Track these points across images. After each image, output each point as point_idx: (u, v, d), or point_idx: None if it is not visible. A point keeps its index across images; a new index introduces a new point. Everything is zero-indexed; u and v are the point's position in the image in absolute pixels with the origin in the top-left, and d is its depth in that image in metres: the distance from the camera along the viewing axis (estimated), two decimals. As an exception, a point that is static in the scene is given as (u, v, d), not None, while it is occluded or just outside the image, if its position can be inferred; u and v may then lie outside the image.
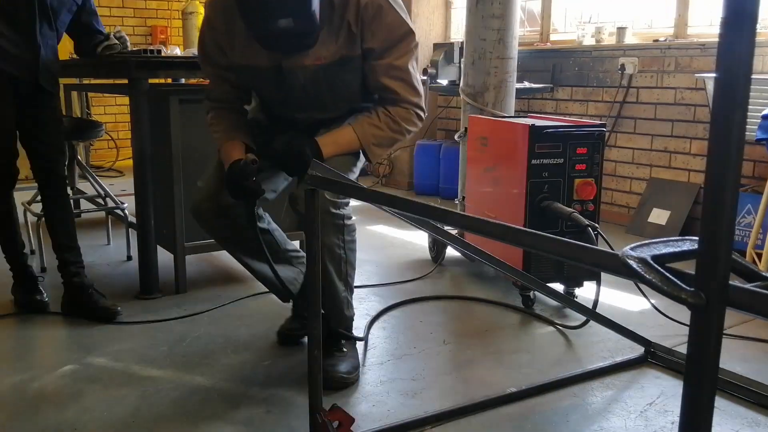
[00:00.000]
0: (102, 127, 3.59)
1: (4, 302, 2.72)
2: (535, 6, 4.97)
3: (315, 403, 1.62)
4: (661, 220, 3.93)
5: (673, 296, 0.72)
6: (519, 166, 2.65)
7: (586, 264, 0.87)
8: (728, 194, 0.67)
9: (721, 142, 0.66)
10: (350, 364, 2.07)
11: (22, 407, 1.93)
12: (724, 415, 1.89)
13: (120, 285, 2.98)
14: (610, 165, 4.30)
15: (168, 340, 2.39)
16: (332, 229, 1.96)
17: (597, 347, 2.37)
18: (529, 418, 1.89)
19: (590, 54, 4.41)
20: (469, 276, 3.16)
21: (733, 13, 0.65)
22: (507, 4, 3.19)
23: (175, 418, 1.86)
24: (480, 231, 1.06)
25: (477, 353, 2.31)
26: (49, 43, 2.50)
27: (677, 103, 3.95)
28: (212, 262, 3.35)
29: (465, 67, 3.38)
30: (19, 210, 2.79)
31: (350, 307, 2.12)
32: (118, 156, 6.44)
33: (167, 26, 6.97)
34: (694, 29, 4.03)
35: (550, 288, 2.28)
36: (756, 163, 3.60)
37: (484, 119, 3.09)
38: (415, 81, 1.95)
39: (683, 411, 0.74)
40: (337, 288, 2.04)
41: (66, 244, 2.63)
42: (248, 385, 2.04)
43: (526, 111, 4.73)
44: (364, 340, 2.35)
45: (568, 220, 2.55)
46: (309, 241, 1.57)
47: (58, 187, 2.61)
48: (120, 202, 3.56)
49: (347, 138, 1.97)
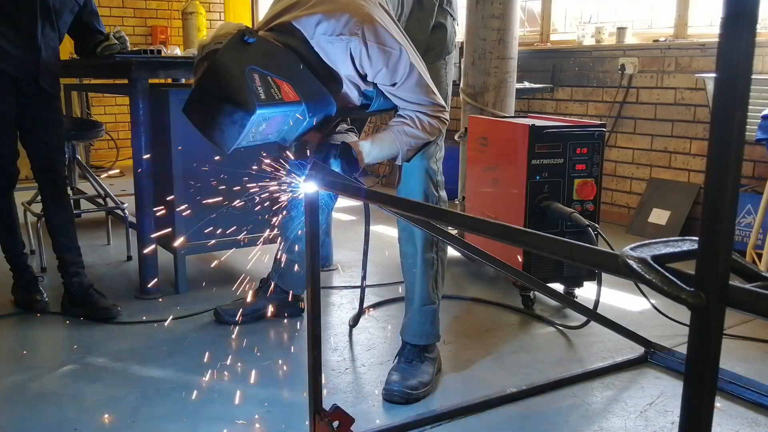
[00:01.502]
0: (102, 127, 3.59)
1: (4, 302, 2.72)
2: (535, 6, 4.97)
3: (315, 403, 1.62)
4: (661, 220, 3.93)
5: (673, 296, 0.72)
6: (519, 166, 2.64)
7: (586, 264, 0.87)
8: (728, 194, 0.67)
9: (721, 142, 0.66)
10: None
11: (22, 407, 1.93)
12: (724, 415, 1.89)
13: (120, 285, 2.98)
14: (610, 165, 4.30)
15: (168, 340, 2.39)
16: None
17: (597, 347, 2.37)
18: (529, 418, 1.89)
19: (590, 54, 4.41)
20: (469, 276, 3.16)
21: (733, 13, 0.64)
22: (507, 4, 3.18)
23: (175, 418, 1.86)
24: (480, 231, 1.06)
25: (477, 353, 2.31)
26: (51, 44, 2.50)
27: (677, 103, 3.95)
28: (212, 262, 3.35)
29: (465, 67, 3.38)
30: (19, 210, 2.80)
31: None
32: (118, 156, 6.44)
33: (167, 26, 6.97)
34: (694, 29, 4.03)
35: (550, 288, 2.27)
36: (756, 163, 3.59)
37: (484, 119, 3.09)
38: (431, 93, 1.88)
39: (683, 411, 0.74)
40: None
41: (66, 244, 2.63)
42: (248, 385, 2.04)
43: (526, 111, 4.72)
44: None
45: (568, 220, 2.55)
46: (309, 241, 1.57)
47: (58, 187, 2.61)
48: (120, 202, 3.56)
49: (387, 143, 1.90)
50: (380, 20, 1.76)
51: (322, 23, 1.73)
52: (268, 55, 1.65)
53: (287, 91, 1.62)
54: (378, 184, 5.75)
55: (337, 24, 1.73)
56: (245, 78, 1.56)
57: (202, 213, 2.83)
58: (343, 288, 2.99)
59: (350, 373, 2.17)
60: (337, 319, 2.63)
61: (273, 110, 1.62)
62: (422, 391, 2.00)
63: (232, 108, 1.56)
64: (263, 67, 1.60)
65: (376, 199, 1.36)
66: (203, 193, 2.83)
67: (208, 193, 2.84)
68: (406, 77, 1.81)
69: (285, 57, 1.69)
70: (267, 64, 1.62)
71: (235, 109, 1.55)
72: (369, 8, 1.76)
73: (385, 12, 1.82)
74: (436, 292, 2.11)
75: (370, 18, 1.75)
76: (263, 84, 1.58)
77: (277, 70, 1.63)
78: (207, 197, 2.84)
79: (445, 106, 1.93)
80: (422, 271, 2.08)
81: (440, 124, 1.92)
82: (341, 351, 2.33)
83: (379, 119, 4.77)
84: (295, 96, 1.63)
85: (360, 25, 1.73)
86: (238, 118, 1.56)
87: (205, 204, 2.82)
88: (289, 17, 1.76)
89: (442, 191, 2.08)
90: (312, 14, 1.74)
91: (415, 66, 1.82)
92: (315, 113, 1.73)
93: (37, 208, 3.06)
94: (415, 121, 1.90)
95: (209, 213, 2.86)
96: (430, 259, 2.08)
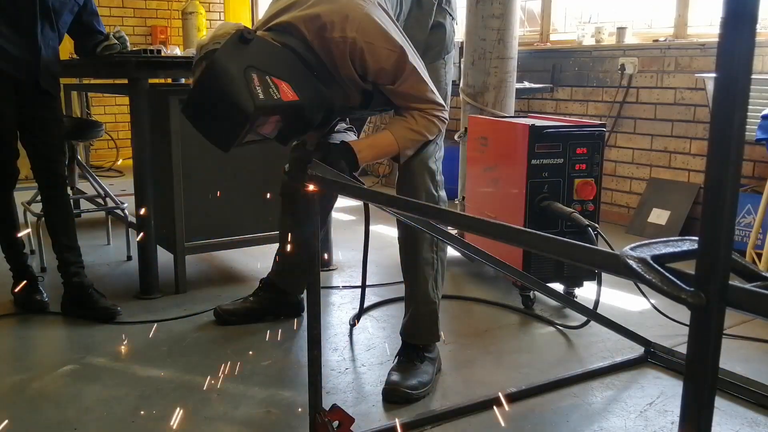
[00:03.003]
0: (102, 127, 3.59)
1: (4, 302, 2.72)
2: (535, 6, 4.97)
3: (315, 403, 1.62)
4: (661, 220, 3.93)
5: (673, 296, 0.72)
6: (519, 166, 2.64)
7: (586, 264, 0.87)
8: (728, 194, 0.67)
9: (721, 142, 0.66)
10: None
11: (22, 407, 1.93)
12: (724, 415, 1.89)
13: (120, 285, 2.98)
14: (610, 165, 4.30)
15: (168, 340, 2.39)
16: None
17: (597, 347, 2.37)
18: (529, 418, 1.89)
19: (590, 54, 4.41)
20: (469, 276, 3.16)
21: (733, 13, 0.64)
22: (507, 4, 3.18)
23: (174, 418, 1.86)
24: (480, 231, 1.06)
25: (477, 353, 2.31)
26: (51, 44, 2.50)
27: (677, 103, 3.95)
28: (212, 262, 3.35)
29: (465, 67, 3.38)
30: (19, 210, 2.80)
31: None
32: (118, 156, 6.44)
33: (167, 26, 6.97)
34: (694, 29, 4.02)
35: (550, 288, 2.27)
36: (756, 163, 3.59)
37: (484, 119, 3.09)
38: (429, 92, 1.88)
39: (683, 411, 0.74)
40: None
41: (66, 244, 2.63)
42: (248, 385, 2.04)
43: (526, 111, 4.72)
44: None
45: (568, 220, 2.55)
46: (309, 242, 1.57)
47: (58, 187, 2.61)
48: (120, 202, 3.56)
49: (386, 142, 1.91)
50: (379, 20, 1.76)
51: (320, 23, 1.73)
52: (267, 55, 1.65)
53: (286, 90, 1.62)
54: (378, 184, 5.75)
55: (335, 24, 1.73)
56: (244, 78, 1.56)
57: (202, 213, 2.83)
58: (343, 288, 2.99)
59: (350, 373, 2.17)
60: (337, 319, 2.63)
61: (272, 110, 1.62)
62: (422, 391, 2.00)
63: (231, 108, 1.56)
64: (262, 66, 1.60)
65: (376, 199, 1.36)
66: (203, 192, 2.84)
67: (208, 192, 2.85)
68: (405, 77, 1.81)
69: (283, 57, 1.69)
70: (265, 64, 1.62)
71: (233, 109, 1.55)
72: (368, 8, 1.76)
73: (384, 12, 1.82)
74: (436, 292, 2.11)
75: (368, 18, 1.75)
76: (262, 84, 1.58)
77: (275, 69, 1.63)
78: (207, 197, 2.84)
79: (444, 106, 1.93)
80: (422, 271, 2.08)
81: (440, 124, 1.92)
82: (341, 351, 2.33)
83: (378, 119, 4.78)
84: (293, 96, 1.63)
85: (359, 25, 1.73)
86: (237, 118, 1.56)
87: (204, 204, 2.82)
88: (287, 17, 1.76)
89: (441, 191, 2.08)
90: (311, 14, 1.74)
91: (414, 66, 1.82)
92: (314, 113, 1.73)
93: (37, 208, 3.06)
94: (415, 121, 1.89)
95: (209, 213, 2.86)
96: (430, 259, 2.08)
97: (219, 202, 2.87)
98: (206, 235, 2.87)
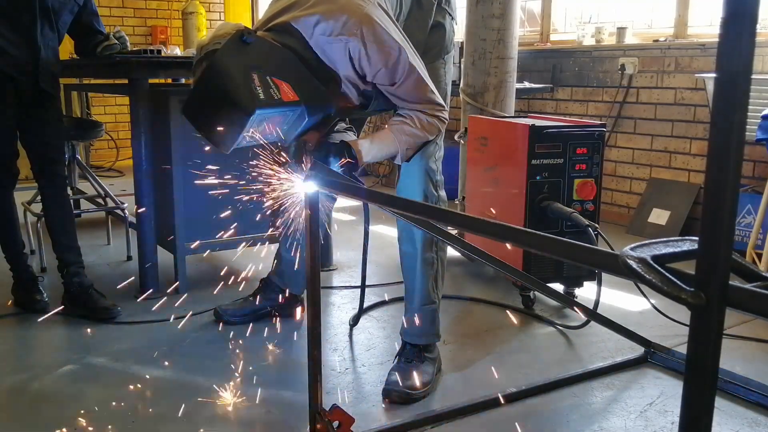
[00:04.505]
0: (102, 127, 3.59)
1: (4, 302, 2.72)
2: (535, 6, 4.97)
3: (315, 403, 1.62)
4: (661, 220, 3.93)
5: (673, 296, 0.72)
6: (519, 166, 2.64)
7: (586, 264, 0.87)
8: (728, 194, 0.67)
9: (721, 142, 0.66)
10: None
11: (22, 407, 1.93)
12: (724, 415, 1.89)
13: (120, 285, 2.98)
14: (610, 165, 4.30)
15: (168, 340, 2.39)
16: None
17: (597, 347, 2.36)
18: (529, 418, 1.89)
19: (590, 54, 4.41)
20: (469, 276, 3.16)
21: (733, 13, 0.64)
22: (507, 4, 3.18)
23: (175, 418, 1.86)
24: (480, 231, 1.06)
25: (477, 353, 2.31)
26: (50, 45, 2.50)
27: (677, 103, 3.95)
28: (212, 262, 3.35)
29: (465, 67, 3.37)
30: (19, 210, 2.80)
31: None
32: (118, 156, 6.44)
33: (167, 26, 6.97)
34: (694, 29, 4.02)
35: (550, 288, 2.27)
36: (756, 163, 3.59)
37: (484, 119, 3.08)
38: (429, 92, 1.88)
39: (683, 411, 0.74)
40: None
41: (66, 243, 2.63)
42: (248, 385, 2.04)
43: (526, 111, 4.72)
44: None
45: (568, 220, 2.55)
46: (309, 241, 1.57)
47: (58, 187, 2.61)
48: (120, 202, 3.56)
49: (386, 142, 1.90)
50: (379, 20, 1.76)
51: (320, 23, 1.73)
52: (267, 55, 1.65)
53: (286, 91, 1.62)
54: (378, 184, 5.75)
55: (335, 24, 1.73)
56: (244, 78, 1.56)
57: (202, 212, 2.83)
58: (343, 288, 2.99)
59: (350, 373, 2.17)
60: (337, 319, 2.63)
61: (272, 110, 1.62)
62: (422, 391, 2.00)
63: (231, 108, 1.56)
64: (262, 67, 1.60)
65: (375, 199, 1.36)
66: (203, 192, 2.83)
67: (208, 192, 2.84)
68: (405, 77, 1.81)
69: (284, 57, 1.69)
70: (266, 64, 1.61)
71: (234, 109, 1.55)
72: (367, 8, 1.76)
73: (384, 12, 1.82)
74: (436, 291, 2.11)
75: (368, 18, 1.74)
76: (262, 84, 1.58)
77: (275, 70, 1.63)
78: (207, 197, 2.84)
79: (444, 106, 1.93)
80: (422, 271, 2.08)
81: (439, 124, 1.92)
82: (341, 351, 2.33)
83: (378, 119, 4.78)
84: (294, 96, 1.63)
85: (359, 26, 1.73)
86: (237, 119, 1.56)
87: (204, 204, 2.82)
88: (287, 17, 1.76)
89: (441, 191, 2.08)
90: (310, 14, 1.74)
91: (414, 66, 1.82)
92: (314, 113, 1.73)
93: (37, 208, 3.06)
94: (415, 121, 1.89)
95: (209, 213, 2.86)
96: (430, 259, 2.08)
97: (219, 202, 2.87)
98: (206, 235, 2.87)
